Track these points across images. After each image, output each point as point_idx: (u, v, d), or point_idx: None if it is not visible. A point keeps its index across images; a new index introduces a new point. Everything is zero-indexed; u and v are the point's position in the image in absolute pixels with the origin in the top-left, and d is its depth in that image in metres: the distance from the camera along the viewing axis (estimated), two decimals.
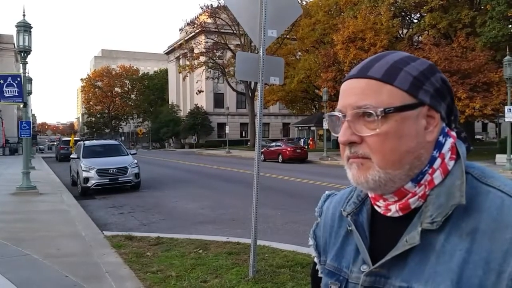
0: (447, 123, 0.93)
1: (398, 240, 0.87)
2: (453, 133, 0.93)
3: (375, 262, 0.90)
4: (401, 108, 0.85)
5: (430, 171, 0.88)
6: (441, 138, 0.90)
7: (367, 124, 0.86)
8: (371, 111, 0.84)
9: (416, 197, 0.88)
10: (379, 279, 0.89)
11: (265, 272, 5.35)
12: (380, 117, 0.84)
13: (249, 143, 49.30)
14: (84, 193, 14.43)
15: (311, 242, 1.14)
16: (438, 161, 0.88)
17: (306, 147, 35.54)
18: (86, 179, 14.48)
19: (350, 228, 0.98)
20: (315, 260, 1.12)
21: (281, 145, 30.73)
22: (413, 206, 0.88)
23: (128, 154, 16.73)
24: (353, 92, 0.89)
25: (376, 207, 0.95)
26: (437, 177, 0.87)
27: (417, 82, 0.87)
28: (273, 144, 32.80)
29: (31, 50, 13.42)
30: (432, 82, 0.88)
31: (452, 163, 0.89)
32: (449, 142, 0.90)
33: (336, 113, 0.91)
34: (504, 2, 23.46)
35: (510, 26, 26.34)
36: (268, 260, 5.89)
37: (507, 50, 19.24)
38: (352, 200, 1.02)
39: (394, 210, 0.90)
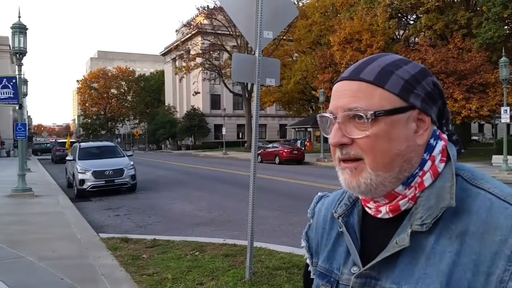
0: (439, 126, 0.94)
1: (388, 241, 0.87)
2: (444, 136, 0.94)
3: (366, 263, 0.90)
4: (392, 111, 0.85)
5: (420, 173, 0.88)
6: (432, 141, 0.90)
7: (357, 126, 0.87)
8: (361, 114, 0.85)
9: (406, 199, 0.88)
10: (370, 280, 0.89)
11: (262, 274, 5.33)
12: (370, 120, 0.85)
13: (245, 145, 49.26)
14: (80, 195, 14.36)
15: (303, 243, 1.14)
16: (429, 163, 0.89)
17: (303, 148, 35.50)
18: (82, 181, 14.42)
19: (341, 229, 0.99)
20: (308, 261, 1.13)
21: (278, 146, 30.73)
22: (403, 208, 0.89)
23: (124, 156, 16.67)
24: (345, 94, 0.89)
25: (366, 209, 0.96)
26: (427, 179, 0.88)
27: (408, 86, 0.87)
28: (270, 145, 32.78)
29: (26, 52, 13.37)
30: (423, 86, 0.89)
31: (442, 165, 0.89)
32: (440, 144, 0.91)
33: (327, 114, 0.92)
34: (500, 4, 23.53)
35: (505, 27, 26.45)
36: (264, 262, 5.87)
37: (503, 51, 19.30)
38: (343, 201, 1.03)
39: (384, 211, 0.91)
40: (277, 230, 8.62)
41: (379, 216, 0.92)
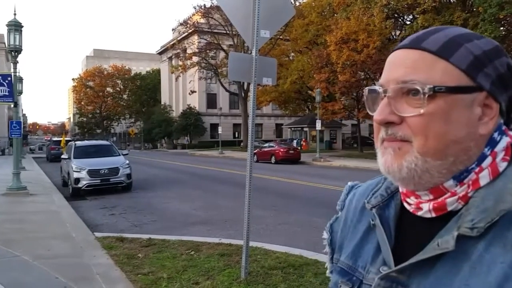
0: (506, 120, 0.80)
1: (425, 244, 0.75)
2: (511, 133, 0.79)
3: (397, 265, 0.78)
4: (455, 89, 0.73)
5: (477, 169, 0.75)
6: (496, 134, 0.76)
7: (410, 103, 0.74)
8: (418, 88, 0.73)
9: (456, 197, 0.75)
10: (396, 286, 0.77)
11: (257, 273, 5.33)
12: (427, 95, 0.73)
13: (242, 144, 49.25)
14: (75, 194, 14.30)
15: (325, 235, 1.02)
16: (489, 159, 0.75)
17: (299, 148, 35.50)
18: (77, 180, 14.36)
19: (373, 222, 0.86)
20: (328, 257, 1.01)
21: (274, 146, 30.73)
22: (449, 208, 0.76)
23: (119, 155, 16.63)
24: (401, 64, 0.77)
25: (405, 204, 0.83)
26: (484, 177, 0.74)
27: (477, 63, 0.74)
28: (266, 145, 32.81)
29: (22, 50, 13.33)
30: (495, 66, 0.75)
31: (504, 164, 0.75)
32: (504, 140, 0.77)
33: (376, 87, 0.80)
34: (496, 5, 23.61)
35: (502, 28, 26.53)
36: (260, 261, 5.87)
37: None
38: (379, 192, 0.90)
39: (426, 209, 0.78)
40: (273, 230, 8.62)
41: (419, 214, 0.80)
